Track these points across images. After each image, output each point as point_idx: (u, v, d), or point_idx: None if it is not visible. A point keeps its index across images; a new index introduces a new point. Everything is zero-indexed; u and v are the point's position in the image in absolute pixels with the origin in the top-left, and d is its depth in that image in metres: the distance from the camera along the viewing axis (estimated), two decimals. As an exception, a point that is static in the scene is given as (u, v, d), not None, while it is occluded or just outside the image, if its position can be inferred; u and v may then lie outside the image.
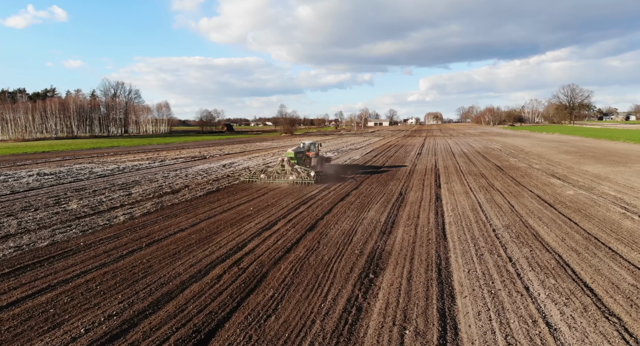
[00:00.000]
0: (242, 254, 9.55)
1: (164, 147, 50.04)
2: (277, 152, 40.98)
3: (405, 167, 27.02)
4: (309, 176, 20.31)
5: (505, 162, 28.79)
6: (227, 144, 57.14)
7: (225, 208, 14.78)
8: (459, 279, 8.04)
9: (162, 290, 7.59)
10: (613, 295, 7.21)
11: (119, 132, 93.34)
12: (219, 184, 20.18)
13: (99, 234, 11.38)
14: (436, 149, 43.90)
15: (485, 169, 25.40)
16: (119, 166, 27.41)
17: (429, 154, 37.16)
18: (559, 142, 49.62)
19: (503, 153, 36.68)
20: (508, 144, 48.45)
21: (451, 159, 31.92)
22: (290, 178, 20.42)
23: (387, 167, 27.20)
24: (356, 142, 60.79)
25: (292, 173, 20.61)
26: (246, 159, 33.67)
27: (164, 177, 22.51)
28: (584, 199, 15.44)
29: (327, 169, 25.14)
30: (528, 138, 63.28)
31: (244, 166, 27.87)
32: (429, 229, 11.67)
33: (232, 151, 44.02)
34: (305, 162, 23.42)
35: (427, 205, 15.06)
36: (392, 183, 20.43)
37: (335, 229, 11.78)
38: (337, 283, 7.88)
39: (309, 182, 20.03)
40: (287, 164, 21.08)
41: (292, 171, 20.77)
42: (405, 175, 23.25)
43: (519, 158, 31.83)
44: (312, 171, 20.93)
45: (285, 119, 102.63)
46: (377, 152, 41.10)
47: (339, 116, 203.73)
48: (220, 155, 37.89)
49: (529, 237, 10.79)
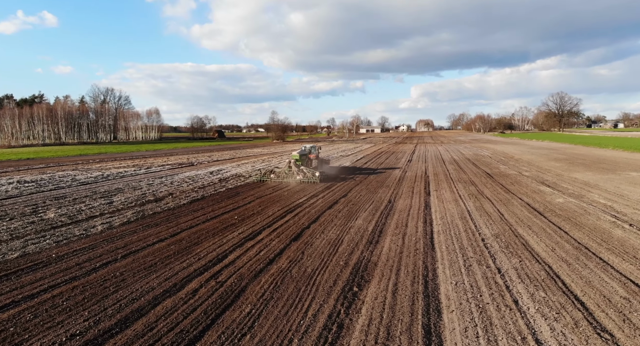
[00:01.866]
0: (221, 267, 9.12)
1: (152, 154, 49.31)
2: (267, 159, 40.60)
3: (395, 174, 26.80)
4: (314, 176, 22.77)
5: (495, 170, 28.74)
6: (217, 151, 56.55)
7: (209, 216, 14.34)
8: (446, 292, 7.71)
9: (133, 306, 7.13)
10: (605, 309, 6.94)
11: (108, 138, 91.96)
12: (204, 191, 19.71)
13: (74, 245, 10.87)
14: (427, 156, 43.88)
15: (475, 176, 25.28)
16: (103, 174, 26.76)
17: (420, 161, 37.06)
18: (548, 150, 49.98)
19: (493, 160, 36.73)
20: (498, 152, 48.66)
21: (441, 166, 31.82)
22: (297, 177, 22.82)
23: (377, 174, 26.95)
24: (347, 149, 60.65)
25: (299, 173, 23.06)
26: (235, 165, 33.19)
27: (149, 184, 21.96)
28: (573, 208, 15.29)
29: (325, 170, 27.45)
30: (518, 145, 63.75)
31: (233, 173, 27.41)
32: (416, 239, 11.36)
33: (222, 157, 43.49)
34: (307, 163, 25.71)
35: (416, 213, 14.78)
36: (381, 190, 20.15)
37: (321, 238, 11.41)
38: (319, 297, 7.49)
39: (314, 181, 22.44)
40: (294, 166, 23.64)
41: (298, 171, 23.25)
42: (395, 182, 23.01)
43: (509, 165, 31.85)
44: (316, 172, 23.36)
45: (277, 125, 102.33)
46: (367, 159, 40.90)
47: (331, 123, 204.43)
48: (208, 162, 37.36)
49: (519, 247, 10.53)
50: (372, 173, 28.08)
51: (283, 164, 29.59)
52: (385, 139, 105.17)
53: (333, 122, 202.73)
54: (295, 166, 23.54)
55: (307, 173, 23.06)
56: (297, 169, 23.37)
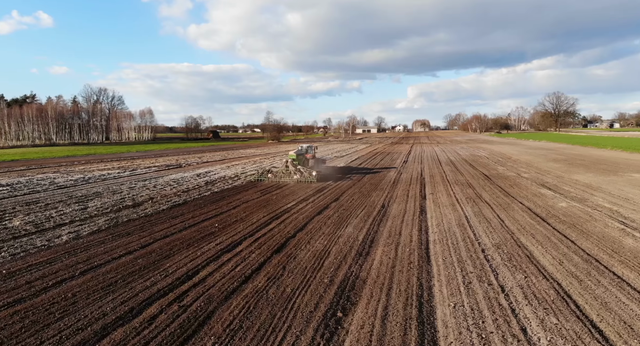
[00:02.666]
0: (189, 286, 8.06)
1: (142, 155, 48.10)
2: (259, 160, 39.55)
3: (390, 176, 25.82)
4: (311, 175, 22.91)
5: (493, 171, 27.83)
6: (209, 152, 55.42)
7: (188, 224, 13.27)
8: (443, 318, 6.70)
9: (75, 339, 6.07)
10: (628, 340, 5.95)
11: (100, 139, 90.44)
12: (187, 196, 18.63)
13: (31, 259, 9.77)
14: (422, 156, 42.96)
15: (473, 178, 24.33)
16: (84, 176, 25.60)
17: (415, 162, 36.11)
18: (546, 150, 49.22)
19: (491, 161, 35.86)
20: (495, 152, 47.85)
21: (437, 168, 30.88)
22: (295, 177, 22.99)
23: (371, 175, 25.96)
24: (342, 149, 59.68)
25: (296, 173, 23.21)
26: (224, 167, 32.09)
27: (130, 188, 20.84)
28: (578, 213, 14.35)
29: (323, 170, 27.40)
30: (515, 146, 63.03)
31: (221, 176, 26.33)
32: (410, 250, 10.36)
33: (212, 158, 42.38)
34: (304, 163, 25.75)
35: (411, 219, 13.78)
36: (375, 193, 19.16)
37: (306, 250, 10.38)
38: (296, 326, 6.46)
39: (311, 180, 22.57)
40: (291, 165, 23.81)
41: (295, 171, 23.40)
42: (389, 184, 22.01)
43: (506, 166, 30.96)
44: (313, 171, 23.52)
45: (272, 125, 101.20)
46: (362, 160, 39.93)
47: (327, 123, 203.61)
48: (197, 163, 36.24)
49: (523, 259, 9.55)
50: (367, 174, 27.08)
51: (277, 165, 30.63)
52: (382, 140, 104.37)
53: (329, 122, 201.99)
54: (292, 166, 23.74)
55: (304, 172, 23.24)
56: (294, 168, 23.55)
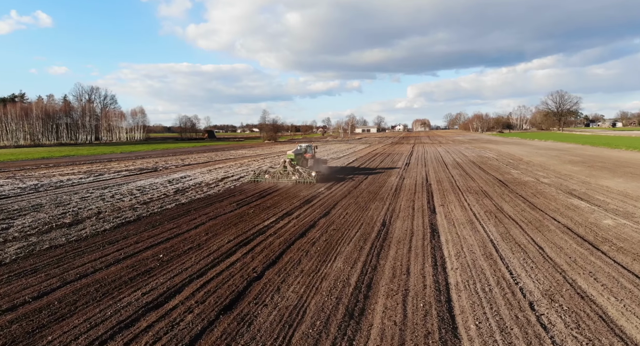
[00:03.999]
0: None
1: (124, 157, 44.66)
2: (247, 163, 36.23)
3: (391, 182, 22.53)
4: (310, 176, 21.76)
5: (508, 175, 24.55)
6: (196, 153, 52.14)
7: (124, 254, 9.96)
8: None
9: None
10: None
11: (89, 139, 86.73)
12: (146, 209, 15.30)
13: None
14: (426, 158, 39.63)
15: (487, 184, 21.05)
16: (38, 183, 22.21)
17: (419, 165, 32.78)
18: (557, 151, 45.95)
19: (501, 163, 32.57)
20: (503, 153, 44.57)
21: (444, 171, 27.57)
22: (293, 177, 21.85)
23: (370, 181, 22.68)
24: (340, 150, 56.35)
25: (295, 173, 22.05)
26: (205, 171, 28.70)
27: (82, 198, 17.49)
28: (636, 236, 11.06)
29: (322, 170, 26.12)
30: (522, 146, 59.80)
31: (197, 182, 22.99)
32: (425, 304, 7.07)
33: (197, 160, 39.02)
34: (302, 163, 24.59)
35: (421, 246, 10.49)
36: (373, 205, 15.87)
37: (272, 306, 7.08)
38: None
39: (310, 181, 21.45)
40: (289, 165, 22.48)
41: (294, 171, 22.21)
42: (390, 193, 18.73)
43: (520, 170, 27.69)
44: (312, 172, 22.36)
45: (268, 125, 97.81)
46: (361, 162, 36.63)
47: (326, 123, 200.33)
48: (177, 166, 32.87)
49: (599, 326, 6.24)
50: (365, 178, 23.78)
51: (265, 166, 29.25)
52: (381, 140, 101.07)
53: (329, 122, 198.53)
54: (290, 166, 22.52)
55: (303, 173, 22.08)
56: (292, 169, 22.38)
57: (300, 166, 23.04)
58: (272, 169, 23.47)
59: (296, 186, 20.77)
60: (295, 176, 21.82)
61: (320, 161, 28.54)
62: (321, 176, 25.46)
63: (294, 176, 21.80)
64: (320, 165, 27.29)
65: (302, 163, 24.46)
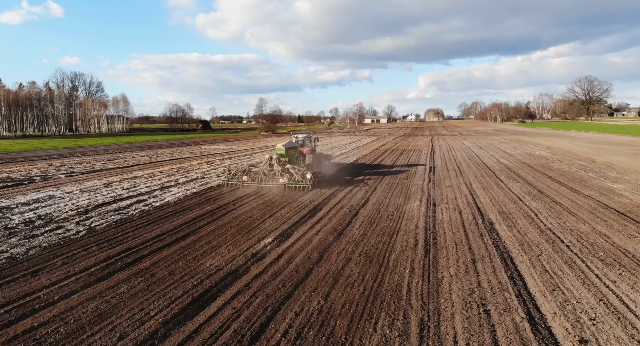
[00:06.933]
0: None
1: (68, 153, 34.87)
2: (228, 158, 27.00)
3: (412, 216, 12.44)
4: (305, 179, 16.35)
5: (616, 197, 14.27)
6: (177, 146, 43.16)
7: None
8: None
9: None
10: None
11: (61, 131, 77.55)
12: None
13: None
14: (456, 159, 29.01)
15: (602, 223, 10.85)
16: None
17: (450, 171, 22.38)
18: (627, 146, 35.11)
19: (572, 168, 22.11)
20: (555, 149, 33.88)
21: (498, 187, 17.18)
22: (280, 180, 16.46)
23: (371, 215, 12.69)
24: (341, 145, 46.01)
25: (283, 175, 16.62)
26: (146, 176, 18.76)
27: None
28: None
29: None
30: (565, 138, 48.94)
31: (141, 192, 13.15)
32: None
33: (172, 156, 29.63)
34: (298, 160, 19.34)
35: None
36: (376, 314, 5.86)
37: None
38: None
39: (304, 186, 16.13)
40: (277, 163, 16.99)
41: (282, 171, 16.79)
42: (411, 258, 8.71)
43: (608, 178, 17.40)
44: (308, 173, 16.66)
45: (265, 115, 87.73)
46: (360, 168, 26.46)
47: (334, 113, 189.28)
48: (143, 164, 23.06)
49: None
50: (362, 206, 13.73)
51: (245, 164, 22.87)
52: (392, 131, 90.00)
53: (336, 111, 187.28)
54: (278, 164, 17.04)
55: (295, 173, 16.71)
56: (280, 168, 16.96)
57: (292, 165, 17.46)
58: (255, 168, 17.75)
59: (282, 194, 15.40)
60: (284, 178, 16.53)
61: (322, 156, 22.53)
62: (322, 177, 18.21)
63: (282, 179, 16.50)
64: (323, 162, 21.62)
65: (296, 160, 19.04)
